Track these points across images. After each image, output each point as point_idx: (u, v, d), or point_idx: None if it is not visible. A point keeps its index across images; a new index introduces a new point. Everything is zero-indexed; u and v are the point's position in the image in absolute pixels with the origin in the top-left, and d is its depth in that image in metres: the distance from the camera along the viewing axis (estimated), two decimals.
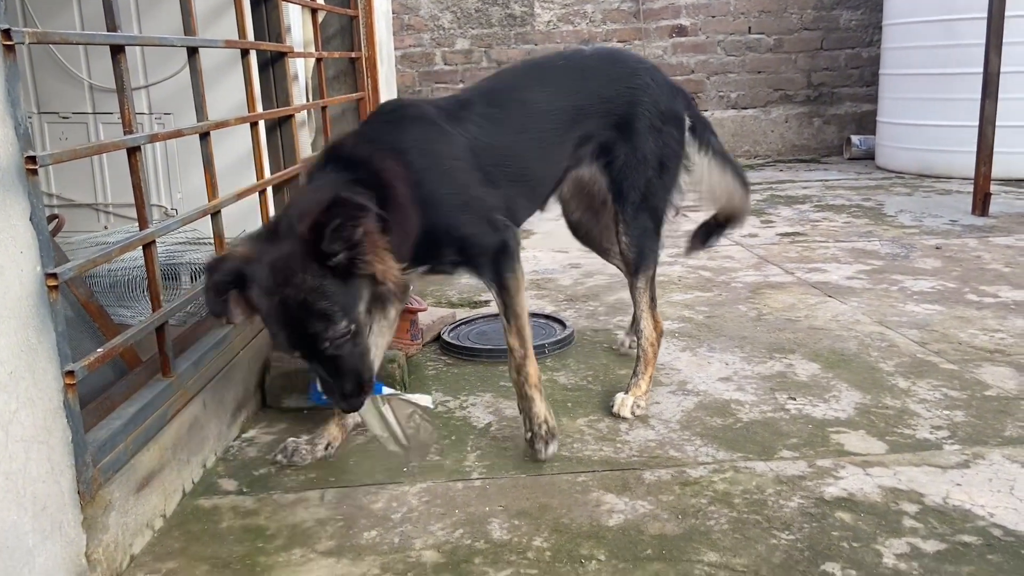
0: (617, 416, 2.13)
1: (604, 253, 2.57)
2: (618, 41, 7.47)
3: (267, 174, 2.51)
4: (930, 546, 1.52)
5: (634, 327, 2.53)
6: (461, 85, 7.65)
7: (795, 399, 2.20)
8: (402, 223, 1.68)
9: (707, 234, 2.49)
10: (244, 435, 2.09)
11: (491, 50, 7.60)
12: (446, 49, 7.65)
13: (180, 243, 2.66)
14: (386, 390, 1.79)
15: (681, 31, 7.43)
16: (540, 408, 1.92)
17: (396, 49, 7.51)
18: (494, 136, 1.95)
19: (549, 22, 7.50)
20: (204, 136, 1.98)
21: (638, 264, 2.17)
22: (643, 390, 2.18)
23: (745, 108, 7.54)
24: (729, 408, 2.17)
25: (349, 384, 1.58)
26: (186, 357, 1.85)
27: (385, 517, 1.68)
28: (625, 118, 2.13)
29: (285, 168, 2.65)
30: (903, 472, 1.79)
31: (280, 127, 2.71)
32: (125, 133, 1.61)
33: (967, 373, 2.33)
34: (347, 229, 1.50)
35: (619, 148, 2.13)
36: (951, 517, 1.61)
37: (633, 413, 2.13)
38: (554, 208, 2.86)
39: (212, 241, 2.08)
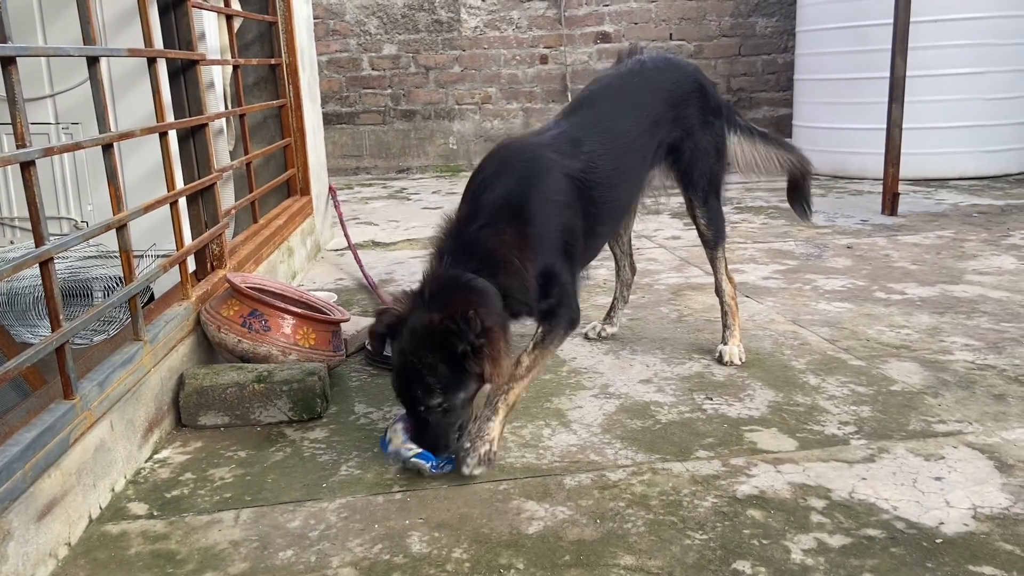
0: (729, 364, 2.49)
1: (615, 237, 2.79)
2: (544, 47, 7.54)
3: (179, 185, 2.45)
4: (836, 540, 1.57)
5: (610, 315, 2.82)
6: (389, 91, 7.60)
7: (712, 399, 2.25)
8: (516, 290, 1.94)
9: (798, 200, 2.80)
10: (156, 456, 2.03)
11: (419, 56, 7.57)
12: (373, 54, 7.59)
13: (88, 258, 2.56)
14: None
15: (605, 37, 7.54)
16: (496, 427, 1.92)
17: (322, 55, 7.42)
18: (602, 173, 2.17)
19: (476, 28, 7.52)
20: (107, 148, 1.92)
21: (716, 240, 2.56)
22: (738, 338, 2.56)
23: None
24: (649, 410, 2.20)
25: (427, 443, 1.86)
26: (91, 378, 1.78)
27: (302, 535, 1.66)
28: (688, 118, 2.44)
29: (200, 178, 2.58)
30: (812, 468, 1.85)
31: (193, 136, 2.64)
32: (18, 147, 1.55)
33: (874, 369, 2.42)
34: (466, 340, 1.75)
35: (685, 144, 2.44)
36: (856, 511, 1.67)
37: (741, 359, 2.50)
38: None
39: (119, 256, 2.01)
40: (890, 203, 4.70)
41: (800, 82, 6.67)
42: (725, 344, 2.55)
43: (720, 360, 2.51)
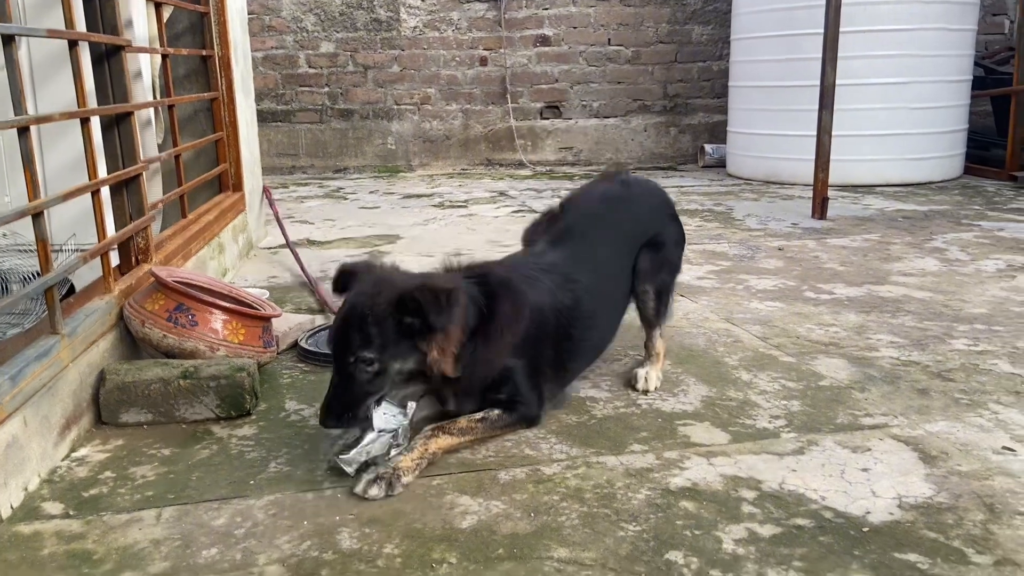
0: (644, 391, 2.29)
1: None
2: (484, 49, 7.53)
3: (101, 174, 2.35)
4: (766, 530, 1.59)
5: None
6: (327, 89, 7.49)
7: (647, 394, 2.26)
8: (493, 336, 1.91)
9: None
10: (74, 454, 1.94)
11: (357, 54, 7.48)
12: (310, 52, 7.47)
13: (2, 250, 2.44)
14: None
15: (544, 41, 7.57)
16: (406, 461, 1.79)
17: (257, 51, 7.27)
18: (588, 304, 2.17)
19: (415, 28, 7.47)
20: (23, 132, 1.83)
21: (660, 320, 2.42)
22: (660, 368, 2.41)
23: (607, 117, 7.77)
24: (584, 405, 2.20)
25: (337, 405, 1.79)
26: (2, 371, 1.69)
27: (227, 533, 1.60)
28: (656, 238, 2.39)
29: (124, 168, 2.49)
30: (743, 460, 1.87)
31: (118, 125, 2.54)
32: None
33: (804, 365, 2.47)
34: (432, 313, 1.74)
35: (643, 255, 2.35)
36: (786, 502, 1.69)
37: (657, 384, 2.32)
38: (421, 214, 2.67)
39: (35, 248, 1.92)
40: (820, 207, 4.83)
41: (735, 89, 6.81)
42: (642, 367, 2.36)
43: (634, 385, 2.31)
